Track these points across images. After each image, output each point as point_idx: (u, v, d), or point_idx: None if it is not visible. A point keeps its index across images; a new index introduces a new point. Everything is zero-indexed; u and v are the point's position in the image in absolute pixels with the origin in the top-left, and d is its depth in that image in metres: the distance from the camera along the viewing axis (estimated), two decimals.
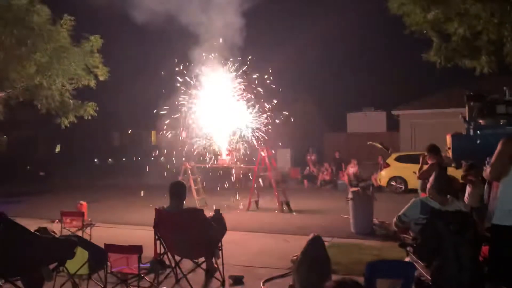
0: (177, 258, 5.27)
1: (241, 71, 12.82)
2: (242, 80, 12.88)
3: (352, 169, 17.46)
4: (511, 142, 3.99)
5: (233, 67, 12.83)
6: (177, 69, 12.67)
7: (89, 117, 15.52)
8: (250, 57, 12.74)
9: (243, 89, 12.88)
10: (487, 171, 4.14)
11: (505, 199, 4.00)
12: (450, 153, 5.09)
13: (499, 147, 3.99)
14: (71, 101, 15.08)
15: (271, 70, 12.99)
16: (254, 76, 12.78)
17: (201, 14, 12.75)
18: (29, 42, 13.35)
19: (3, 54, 13.33)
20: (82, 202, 9.97)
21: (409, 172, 12.91)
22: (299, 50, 32.97)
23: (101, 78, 15.13)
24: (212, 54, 12.70)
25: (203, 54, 12.62)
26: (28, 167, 23.13)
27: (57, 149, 35.94)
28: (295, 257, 5.23)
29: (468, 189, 6.49)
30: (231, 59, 12.80)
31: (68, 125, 15.42)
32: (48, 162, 26.04)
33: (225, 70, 12.87)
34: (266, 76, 12.85)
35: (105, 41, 14.92)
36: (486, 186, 4.26)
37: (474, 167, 6.09)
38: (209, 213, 5.70)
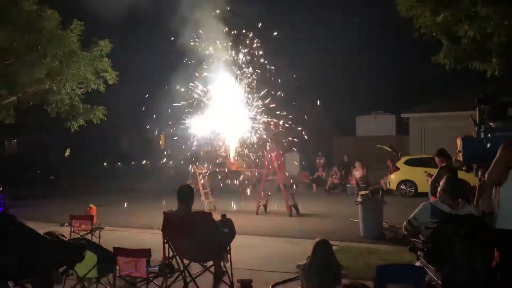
0: (186, 261, 5.26)
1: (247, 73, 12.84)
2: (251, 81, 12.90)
3: (356, 172, 17.31)
4: (509, 147, 3.98)
5: (243, 70, 12.86)
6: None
7: (98, 121, 15.65)
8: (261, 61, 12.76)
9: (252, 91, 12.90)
10: (486, 176, 4.13)
11: (505, 203, 4.03)
12: (460, 156, 5.03)
13: (498, 152, 3.98)
14: (81, 105, 15.21)
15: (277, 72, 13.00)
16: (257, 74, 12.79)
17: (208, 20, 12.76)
18: (39, 47, 13.50)
19: (14, 59, 13.49)
20: (91, 205, 10.04)
21: (419, 176, 12.80)
22: (308, 54, 33.06)
23: (110, 82, 15.26)
24: (220, 55, 12.74)
25: (210, 61, 12.67)
26: (37, 171, 23.28)
27: (67, 153, 36.25)
28: (300, 263, 5.19)
29: None
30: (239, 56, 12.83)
31: (77, 129, 15.55)
32: (58, 165, 26.21)
33: (234, 70, 12.90)
34: (273, 78, 12.85)
35: (114, 45, 15.04)
36: (493, 190, 4.22)
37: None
38: (217, 217, 5.69)
